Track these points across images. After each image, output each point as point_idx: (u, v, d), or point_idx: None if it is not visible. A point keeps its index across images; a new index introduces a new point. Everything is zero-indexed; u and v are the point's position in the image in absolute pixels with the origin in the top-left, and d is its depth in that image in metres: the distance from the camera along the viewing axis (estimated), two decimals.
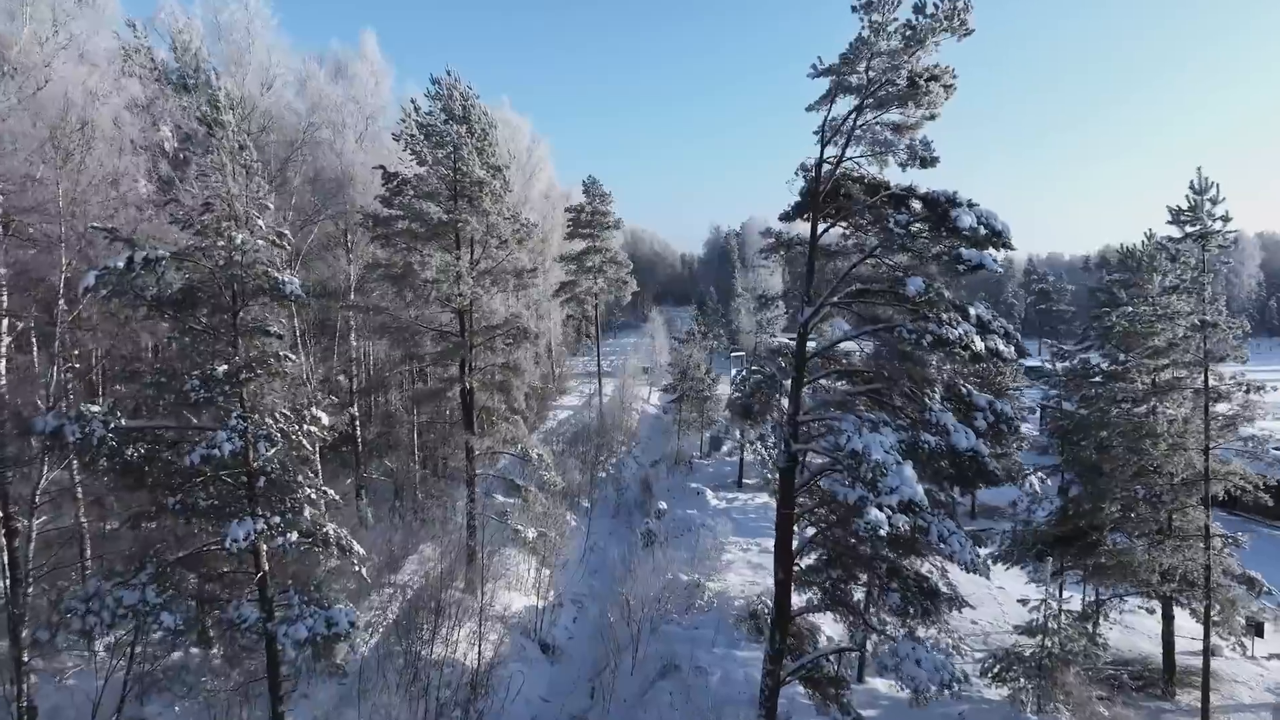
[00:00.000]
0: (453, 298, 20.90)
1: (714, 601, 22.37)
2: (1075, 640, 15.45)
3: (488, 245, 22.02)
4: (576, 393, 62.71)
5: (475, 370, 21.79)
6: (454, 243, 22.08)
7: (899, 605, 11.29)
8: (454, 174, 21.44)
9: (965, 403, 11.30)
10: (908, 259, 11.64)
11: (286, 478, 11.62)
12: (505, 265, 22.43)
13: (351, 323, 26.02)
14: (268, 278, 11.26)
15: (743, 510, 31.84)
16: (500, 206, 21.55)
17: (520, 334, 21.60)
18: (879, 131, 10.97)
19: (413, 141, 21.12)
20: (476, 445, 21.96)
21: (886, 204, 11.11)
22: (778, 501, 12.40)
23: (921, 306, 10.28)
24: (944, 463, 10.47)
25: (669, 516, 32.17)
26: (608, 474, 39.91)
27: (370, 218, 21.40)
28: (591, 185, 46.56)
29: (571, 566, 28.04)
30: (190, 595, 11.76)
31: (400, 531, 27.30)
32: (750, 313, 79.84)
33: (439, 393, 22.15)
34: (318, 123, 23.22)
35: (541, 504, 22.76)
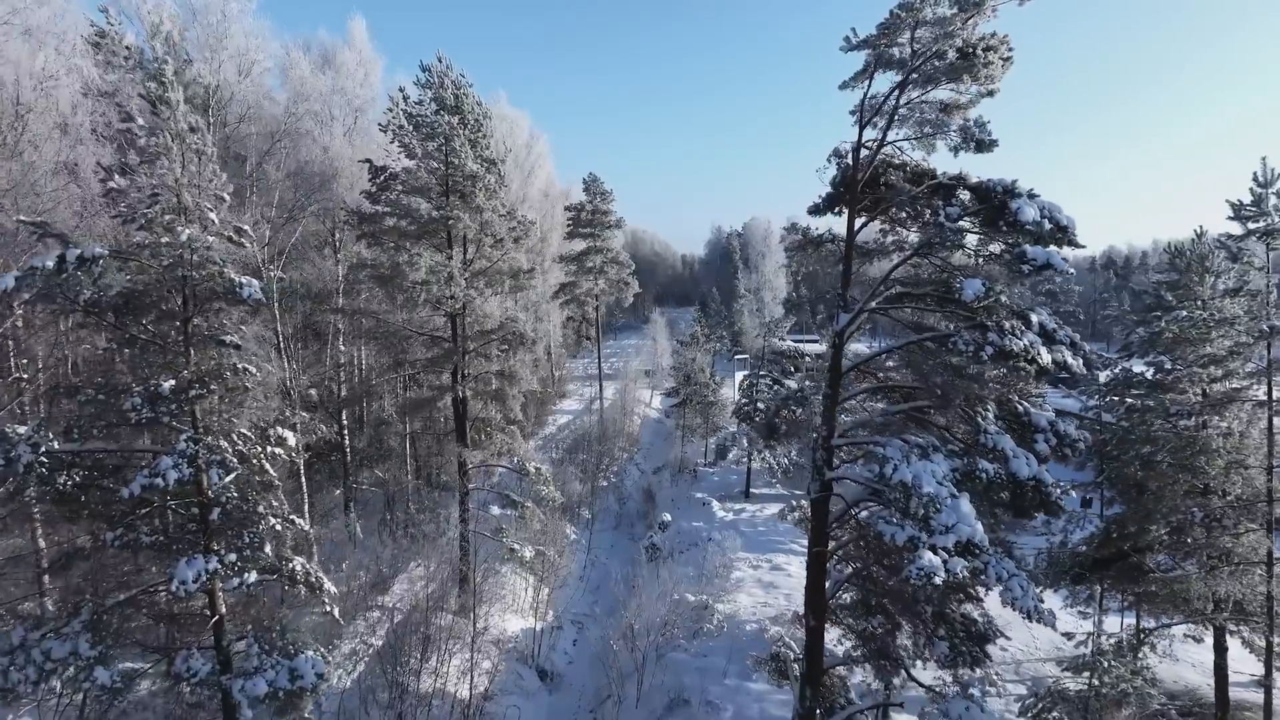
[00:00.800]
0: (444, 300, 19.45)
1: (724, 626, 20.90)
2: (1128, 679, 13.98)
3: (481, 244, 20.56)
4: (576, 396, 61.22)
5: (468, 378, 20.33)
6: (445, 241, 20.63)
7: (947, 655, 9.84)
8: (445, 168, 20.00)
9: (1022, 422, 9.83)
10: (954, 258, 10.19)
11: (246, 508, 10.14)
12: (500, 265, 20.96)
13: (340, 327, 24.54)
14: (223, 279, 9.79)
15: (751, 523, 30.36)
16: (495, 203, 20.09)
17: (516, 339, 20.13)
18: (926, 111, 9.51)
19: (401, 133, 19.68)
20: (470, 458, 20.49)
21: (934, 195, 9.64)
22: (809, 537, 10.93)
23: (979, 313, 8.80)
24: (1004, 494, 9.00)
25: (674, 529, 30.69)
26: (609, 483, 38.45)
27: (355, 214, 19.93)
28: (592, 183, 45.02)
29: (571, 584, 26.58)
30: (136, 642, 10.29)
31: (390, 548, 25.82)
32: (753, 314, 78.52)
33: (429, 402, 20.69)
34: (299, 113, 21.75)
35: (539, 520, 21.29)
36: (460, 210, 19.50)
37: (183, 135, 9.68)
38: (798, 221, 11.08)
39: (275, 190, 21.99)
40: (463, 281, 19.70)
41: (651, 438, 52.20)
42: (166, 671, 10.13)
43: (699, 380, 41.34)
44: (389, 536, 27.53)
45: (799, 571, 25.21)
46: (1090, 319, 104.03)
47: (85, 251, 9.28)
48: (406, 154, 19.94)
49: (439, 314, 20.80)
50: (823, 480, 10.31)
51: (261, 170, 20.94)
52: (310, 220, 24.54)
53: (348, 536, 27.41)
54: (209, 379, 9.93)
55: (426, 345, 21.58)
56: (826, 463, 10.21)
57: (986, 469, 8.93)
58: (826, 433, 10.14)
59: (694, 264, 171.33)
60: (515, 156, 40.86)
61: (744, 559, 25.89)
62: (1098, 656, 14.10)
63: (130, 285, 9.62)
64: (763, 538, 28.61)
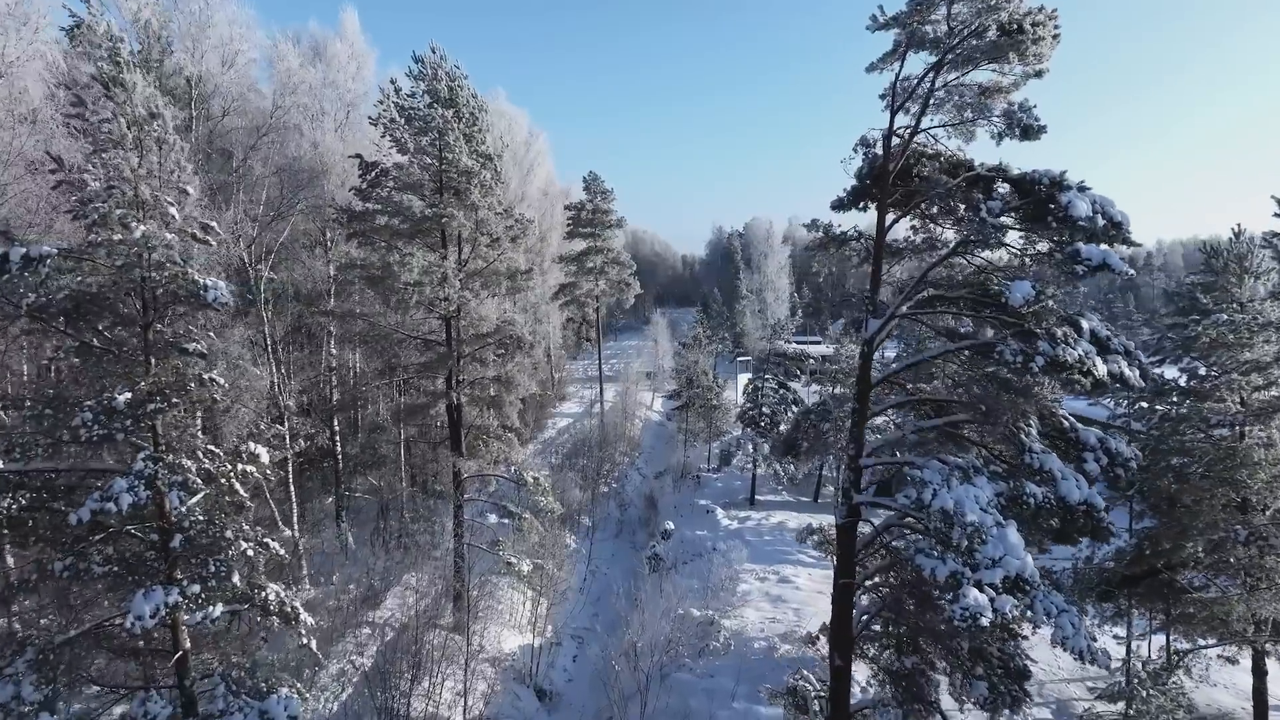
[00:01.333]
0: (437, 302, 18.52)
1: (731, 644, 19.94)
2: (1169, 710, 13.03)
3: (477, 243, 19.63)
4: (577, 399, 60.25)
5: (463, 384, 19.40)
6: (439, 241, 19.71)
7: (987, 697, 8.89)
8: (439, 163, 19.07)
9: (1068, 439, 8.89)
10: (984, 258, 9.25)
11: (212, 533, 9.19)
12: (497, 266, 20.03)
13: (331, 330, 23.59)
14: (186, 281, 8.84)
15: (757, 531, 29.42)
16: (491, 200, 19.15)
17: (513, 343, 19.19)
18: (965, 94, 8.57)
19: (392, 126, 18.75)
20: (464, 468, 19.54)
21: (971, 188, 8.69)
22: (835, 567, 9.99)
23: (1025, 319, 7.86)
24: (1053, 520, 8.06)
25: (676, 538, 29.75)
26: (610, 489, 37.51)
27: (344, 212, 18.99)
28: (593, 181, 44.04)
29: (571, 596, 25.62)
30: (91, 680, 9.34)
31: (382, 559, 24.88)
32: (755, 314, 77.58)
33: (423, 408, 19.74)
34: (286, 106, 20.79)
35: (538, 532, 20.34)
36: (454, 208, 18.56)
37: (141, 122, 8.74)
38: (818, 218, 10.15)
39: (262, 187, 21.06)
40: (457, 283, 18.78)
41: (653, 441, 51.25)
42: (122, 716, 9.19)
43: (702, 383, 40.39)
44: (382, 547, 26.58)
45: (807, 584, 24.28)
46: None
47: (31, 250, 8.35)
48: (398, 149, 19.02)
49: (433, 317, 19.88)
50: (850, 504, 9.36)
51: (247, 166, 20.00)
52: (301, 219, 23.62)
53: (339, 547, 26.48)
54: (171, 391, 8.97)
55: (420, 349, 20.64)
56: (854, 484, 9.27)
57: (1034, 493, 7.98)
58: (854, 451, 9.19)
59: (694, 264, 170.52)
60: (514, 154, 39.95)
61: (750, 570, 24.94)
62: (1135, 686, 13.15)
63: (82, 287, 8.68)
64: (769, 547, 27.66)
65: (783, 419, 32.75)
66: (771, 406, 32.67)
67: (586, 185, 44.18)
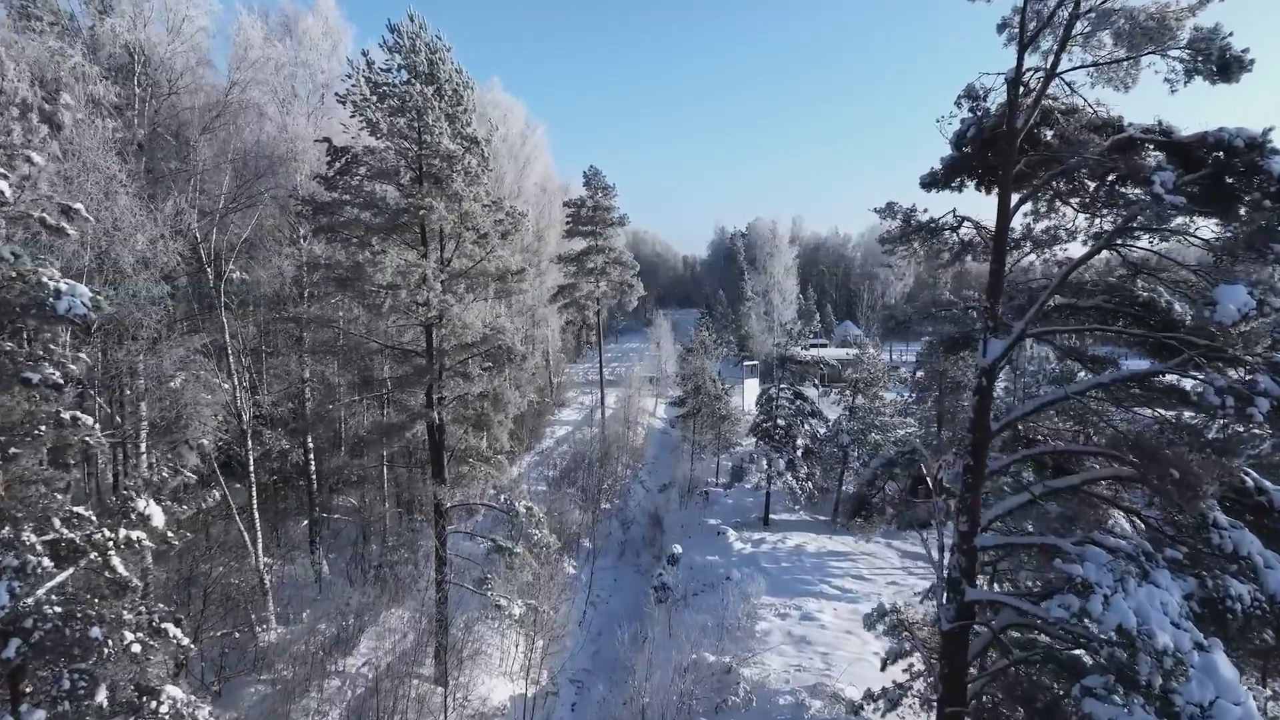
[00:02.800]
0: (415, 308, 16.02)
1: (752, 698, 17.42)
2: None
3: (461, 240, 17.12)
4: (576, 405, 57.72)
5: (445, 401, 16.89)
6: (419, 237, 17.22)
7: None
8: (418, 148, 16.58)
9: (1258, 505, 6.36)
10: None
11: (72, 633, 6.66)
12: (485, 266, 17.53)
13: (304, 337, 21.05)
14: (27, 286, 6.33)
15: (773, 556, 26.89)
16: (477, 190, 16.64)
17: (503, 354, 16.69)
18: (1122, 20, 6.05)
19: (363, 105, 16.26)
20: (447, 498, 17.03)
21: (1124, 154, 6.18)
22: (938, 695, 7.39)
23: (1229, 343, 5.36)
24: (1267, 633, 5.56)
25: (685, 563, 27.21)
26: (612, 505, 35.00)
27: (308, 204, 16.49)
28: (593, 176, 41.44)
29: (570, 631, 23.11)
30: None
31: (360, 592, 22.37)
32: (761, 317, 75.06)
33: (399, 429, 17.21)
34: (244, 81, 18.27)
35: (531, 569, 17.81)
36: (435, 199, 16.06)
37: None
38: (895, 202, 7.68)
39: (221, 174, 18.55)
40: (438, 285, 16.28)
41: (657, 450, 48.75)
42: None
43: (709, 391, 37.85)
44: (360, 577, 24.08)
45: (834, 621, 21.75)
46: None
47: None
48: (370, 131, 16.52)
49: (412, 324, 17.40)
50: (962, 601, 6.83)
51: (199, 151, 17.48)
52: (273, 212, 21.13)
53: (313, 576, 23.96)
54: (13, 436, 6.44)
55: (397, 360, 18.13)
56: (967, 573, 6.76)
57: (1239, 593, 5.47)
58: (967, 527, 6.69)
59: (695, 265, 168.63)
60: (510, 147, 37.46)
61: (769, 605, 22.40)
62: None
63: None
64: (787, 576, 25.14)
65: (799, 432, 30.24)
66: (786, 418, 30.14)
67: (587, 180, 41.58)
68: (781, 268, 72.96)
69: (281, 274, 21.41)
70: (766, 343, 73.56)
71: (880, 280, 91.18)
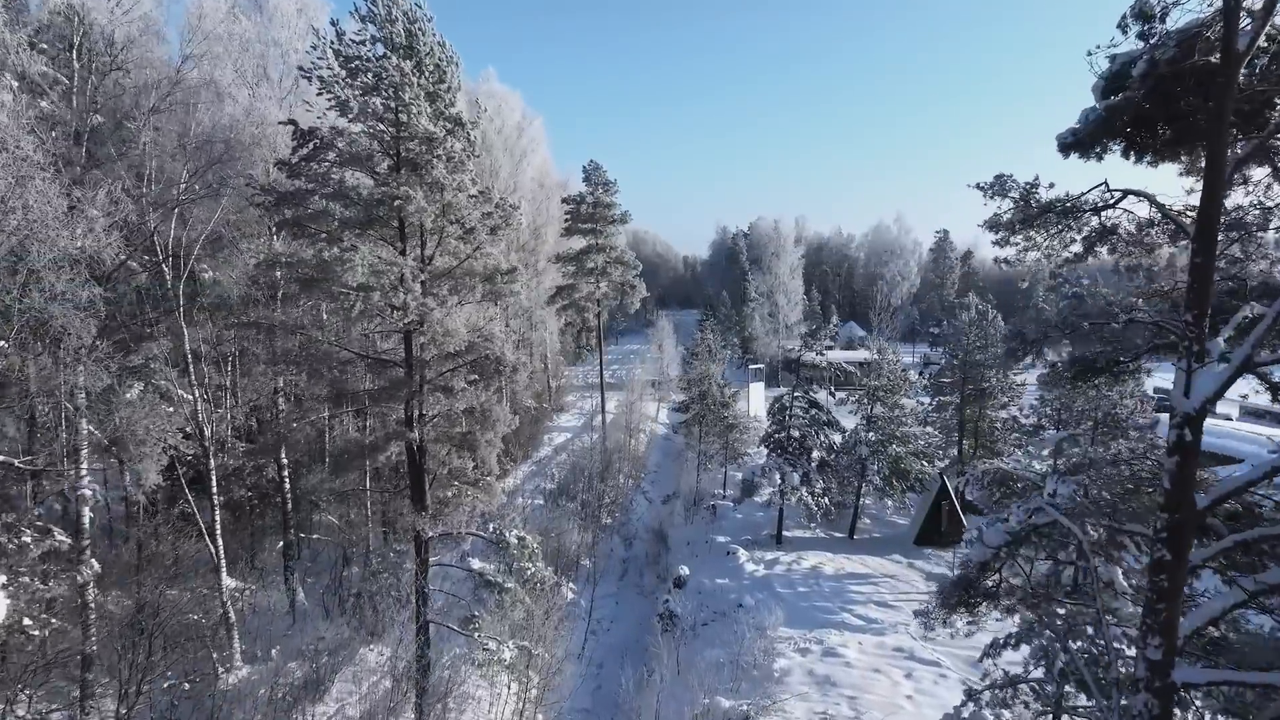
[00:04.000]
0: (390, 313, 14.02)
1: None
2: None
3: (444, 235, 15.10)
4: (576, 410, 55.70)
5: (426, 419, 14.87)
6: (397, 232, 15.21)
7: None
8: (395, 130, 14.58)
9: None
10: None
11: None
12: (472, 264, 15.51)
13: (267, 344, 19.02)
14: None
15: (788, 579, 24.85)
16: (461, 178, 14.62)
17: (491, 365, 14.67)
18: None
19: (332, 81, 14.24)
20: (429, 527, 15.00)
21: None
22: None
23: None
24: None
25: (693, 587, 25.23)
26: (613, 519, 32.99)
27: (268, 193, 14.46)
28: (593, 171, 39.35)
29: (569, 665, 21.08)
30: None
31: (336, 625, 20.38)
32: (765, 318, 73.02)
33: (374, 450, 15.15)
34: (198, 55, 16.23)
35: (524, 606, 15.77)
36: (413, 187, 14.03)
37: None
38: (1006, 174, 5.70)
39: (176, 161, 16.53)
40: (417, 287, 14.27)
41: (660, 458, 46.74)
42: None
43: (715, 397, 35.81)
44: (338, 607, 22.06)
45: (858, 657, 19.73)
46: None
47: None
48: (340, 111, 14.50)
49: (389, 329, 15.38)
50: None
51: (148, 132, 15.45)
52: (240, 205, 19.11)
53: (288, 605, 21.92)
54: None
55: (373, 372, 16.09)
56: (1166, 695, 4.68)
57: None
58: (1161, 651, 4.65)
59: (695, 265, 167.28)
60: (505, 139, 35.45)
61: (788, 638, 20.38)
62: None
63: None
64: (805, 602, 23.12)
65: (814, 443, 28.22)
66: (801, 428, 28.13)
67: (587, 176, 39.49)
68: (787, 268, 70.95)
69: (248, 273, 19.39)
70: (772, 345, 71.56)
71: (885, 281, 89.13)
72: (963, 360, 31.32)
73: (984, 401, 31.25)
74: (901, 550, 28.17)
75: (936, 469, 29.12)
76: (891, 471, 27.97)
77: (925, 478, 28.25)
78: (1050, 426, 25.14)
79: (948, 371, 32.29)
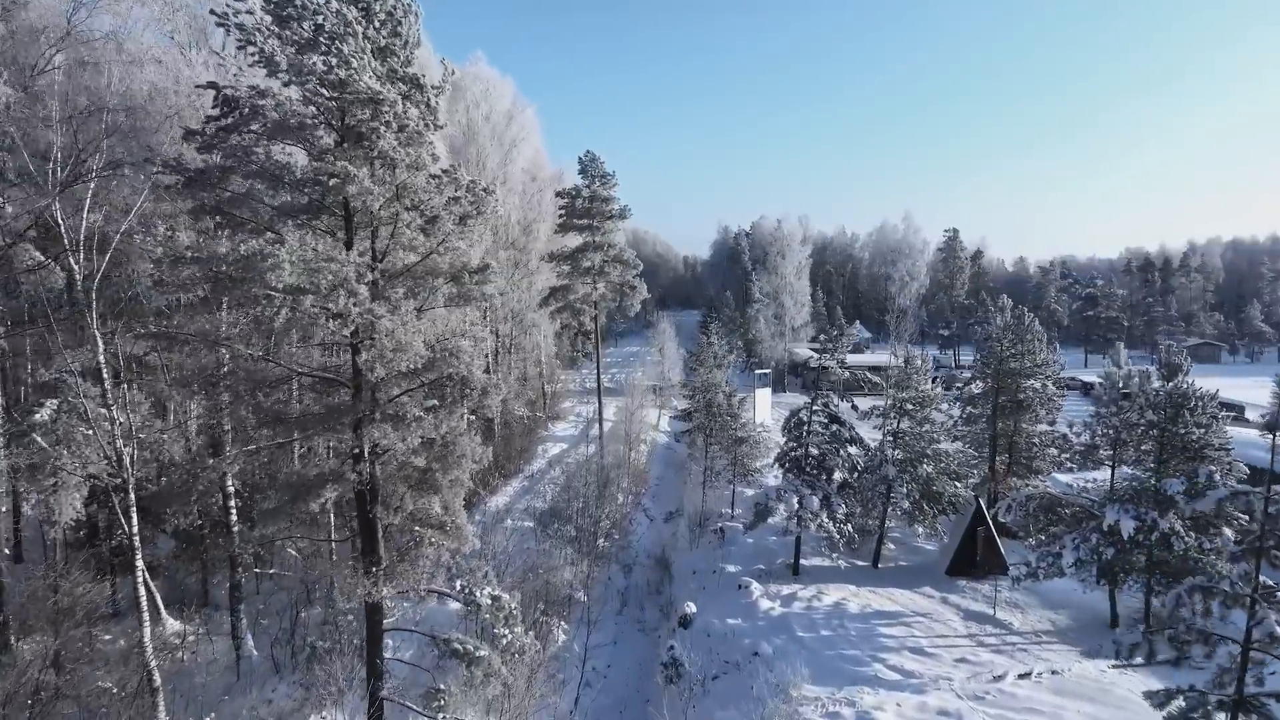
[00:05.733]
0: (320, 321, 11.10)
1: None
2: None
3: (399, 225, 12.17)
4: (573, 417, 52.74)
5: (376, 454, 11.94)
6: (341, 222, 12.30)
7: None
8: (338, 92, 11.64)
9: None
10: None
11: None
12: (435, 262, 12.59)
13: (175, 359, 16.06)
14: None
15: (809, 619, 21.92)
16: (418, 153, 11.70)
17: (455, 388, 11.74)
18: None
19: (254, 31, 11.35)
20: (375, 593, 12.06)
21: None
22: None
23: None
24: None
25: (700, 627, 22.29)
26: (612, 542, 30.07)
27: (174, 170, 11.52)
28: (590, 163, 36.31)
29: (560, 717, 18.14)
30: None
31: (287, 682, 17.47)
32: (769, 320, 70.14)
33: (313, 490, 12.17)
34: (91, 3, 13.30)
35: (500, 679, 12.83)
36: (356, 163, 11.12)
37: None
38: None
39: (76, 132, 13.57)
40: (363, 289, 11.33)
41: (662, 470, 43.85)
42: None
43: (722, 406, 32.88)
44: (292, 658, 19.10)
45: None
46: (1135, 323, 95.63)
47: None
48: (267, 69, 11.58)
49: (327, 343, 12.46)
50: None
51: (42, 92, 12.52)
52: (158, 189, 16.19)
53: (233, 658, 18.98)
54: None
55: (314, 394, 13.16)
56: None
57: None
58: None
59: (696, 265, 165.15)
60: (494, 127, 32.51)
61: (813, 698, 17.44)
62: None
63: None
64: (830, 650, 20.17)
65: (835, 462, 25.30)
66: (821, 446, 25.22)
67: (583, 168, 36.44)
68: (793, 268, 68.13)
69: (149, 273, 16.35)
70: (777, 348, 68.71)
71: (894, 281, 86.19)
72: (996, 368, 28.40)
73: (1019, 414, 28.33)
74: (932, 581, 25.25)
75: (970, 490, 26.19)
76: (922, 494, 25.05)
77: (959, 501, 25.34)
78: (1104, 446, 22.22)
79: (978, 379, 29.40)
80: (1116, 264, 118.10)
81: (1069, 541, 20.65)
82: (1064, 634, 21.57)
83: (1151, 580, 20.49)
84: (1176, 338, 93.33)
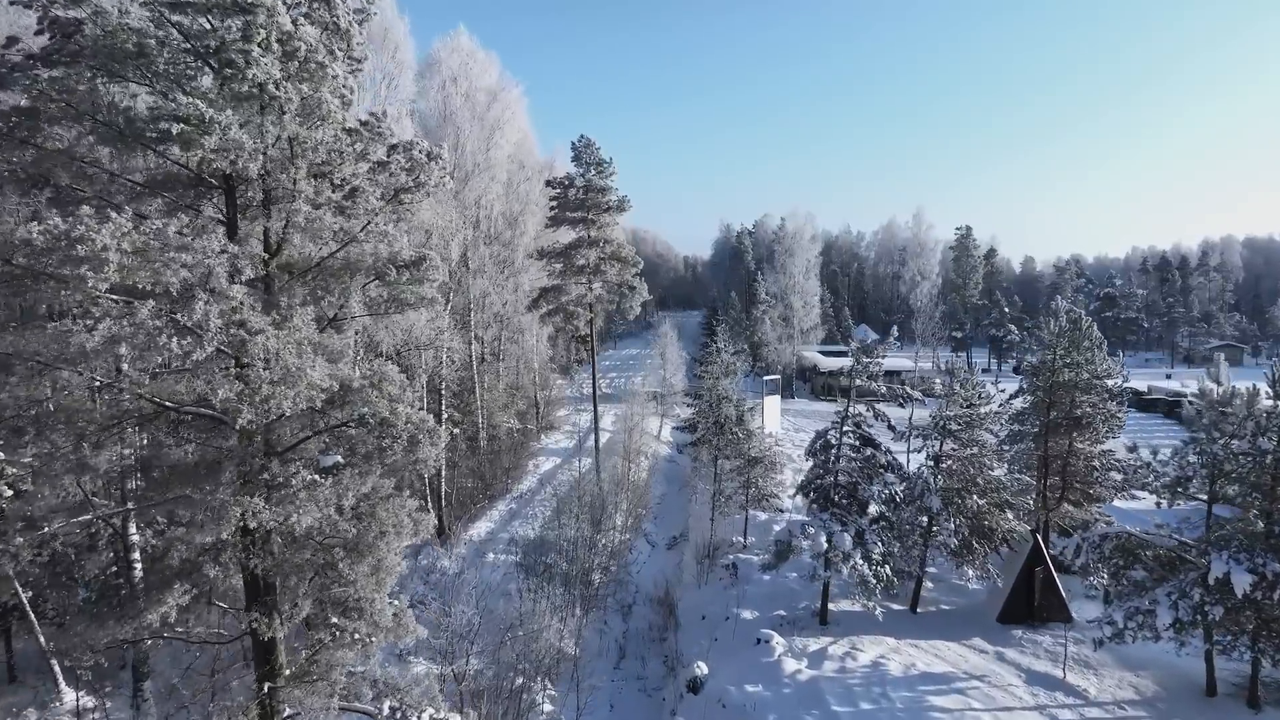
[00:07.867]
0: (166, 337, 7.44)
1: None
2: None
3: (297, 200, 8.50)
4: (568, 426, 49.06)
5: (262, 530, 8.26)
6: (218, 190, 8.67)
7: None
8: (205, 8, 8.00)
9: None
10: None
11: None
12: (355, 254, 8.92)
13: None
14: None
15: (844, 686, 18.26)
16: (319, 92, 8.02)
17: (374, 432, 8.07)
18: None
19: None
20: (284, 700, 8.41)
21: None
22: None
23: None
24: None
25: (713, 692, 18.60)
26: (609, 576, 26.46)
27: None
28: (584, 149, 32.46)
29: None
30: None
31: None
32: (776, 322, 66.54)
33: (184, 574, 8.50)
34: None
35: None
36: (217, 104, 7.47)
37: None
38: None
39: None
40: (237, 290, 7.67)
41: (664, 487, 40.25)
42: None
43: (733, 418, 29.23)
44: None
45: None
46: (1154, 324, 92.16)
47: None
48: None
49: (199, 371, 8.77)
50: None
51: None
52: None
53: None
54: None
55: (200, 435, 9.48)
56: None
57: None
58: None
59: (696, 265, 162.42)
60: (474, 106, 28.80)
61: None
62: None
63: None
64: None
65: (867, 492, 21.64)
66: (852, 474, 21.56)
67: (576, 154, 32.61)
68: (802, 267, 64.56)
69: None
70: (785, 351, 65.13)
71: (904, 281, 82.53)
72: (1049, 381, 24.74)
73: (1075, 433, 24.68)
74: (981, 630, 21.60)
75: (1025, 523, 22.56)
76: (972, 530, 21.39)
77: (1013, 537, 21.70)
78: (1198, 477, 18.55)
79: (1027, 393, 25.75)
80: (1128, 263, 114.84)
81: (1162, 597, 17.02)
82: (1152, 705, 17.90)
83: (1259, 643, 16.90)
84: (1198, 340, 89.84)
